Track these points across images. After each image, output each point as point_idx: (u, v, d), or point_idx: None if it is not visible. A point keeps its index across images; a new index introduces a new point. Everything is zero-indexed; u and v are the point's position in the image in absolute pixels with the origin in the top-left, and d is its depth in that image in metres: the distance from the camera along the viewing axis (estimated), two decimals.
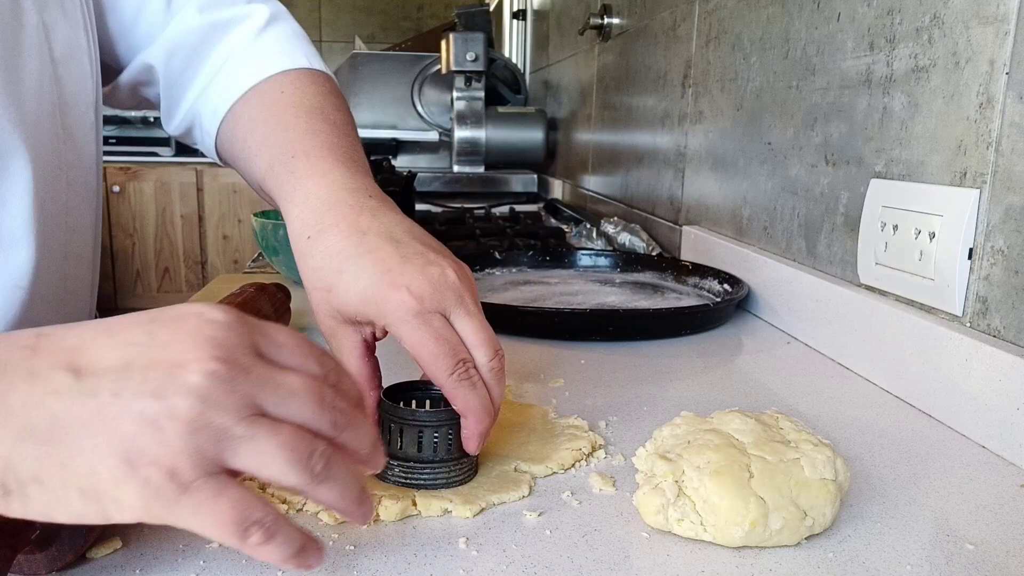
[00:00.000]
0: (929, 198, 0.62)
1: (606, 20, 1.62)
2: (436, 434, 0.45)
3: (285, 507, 0.43)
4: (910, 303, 0.65)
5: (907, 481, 0.49)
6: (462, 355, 0.43)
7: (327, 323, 0.47)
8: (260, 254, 1.23)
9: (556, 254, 1.11)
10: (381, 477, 0.46)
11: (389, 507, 0.42)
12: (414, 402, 0.48)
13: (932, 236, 0.62)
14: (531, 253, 1.10)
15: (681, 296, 0.96)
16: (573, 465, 0.49)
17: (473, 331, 0.44)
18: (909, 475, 0.50)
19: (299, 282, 0.47)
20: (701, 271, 0.98)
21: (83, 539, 0.37)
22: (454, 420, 0.44)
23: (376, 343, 0.48)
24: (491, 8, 2.85)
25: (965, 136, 0.59)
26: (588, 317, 0.80)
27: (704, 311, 0.83)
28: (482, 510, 0.43)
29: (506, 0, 3.05)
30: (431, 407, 0.48)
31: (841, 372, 0.71)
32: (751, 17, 0.96)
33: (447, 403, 0.44)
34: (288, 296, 0.77)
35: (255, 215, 1.01)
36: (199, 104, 0.62)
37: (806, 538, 0.41)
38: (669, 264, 1.04)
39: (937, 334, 0.59)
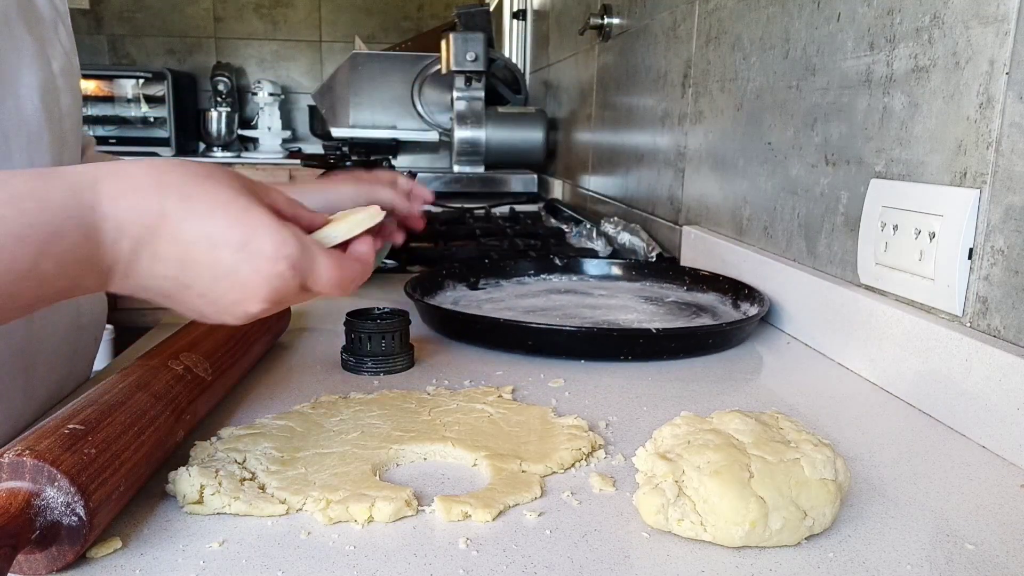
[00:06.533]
0: (929, 198, 0.62)
1: (606, 20, 1.62)
2: (395, 333, 0.67)
3: (284, 507, 0.43)
4: (910, 303, 0.65)
5: (907, 481, 0.49)
6: None
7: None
8: None
9: (573, 263, 1.03)
10: (358, 371, 0.66)
11: (382, 508, 0.42)
12: (369, 322, 0.68)
13: (932, 236, 0.62)
14: (565, 261, 1.03)
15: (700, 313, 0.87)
16: (573, 465, 0.49)
17: None
18: (909, 475, 0.50)
19: None
20: (721, 286, 0.91)
21: (83, 539, 0.37)
22: (399, 325, 0.68)
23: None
24: (491, 8, 2.85)
25: (965, 136, 0.59)
26: (620, 335, 0.73)
27: (720, 331, 0.76)
28: (500, 513, 0.43)
29: (506, 0, 3.05)
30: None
31: (841, 372, 0.71)
32: (751, 17, 0.96)
33: (381, 320, 0.68)
34: None
35: None
36: None
37: (806, 538, 0.41)
38: (694, 276, 0.96)
39: (937, 334, 0.59)
